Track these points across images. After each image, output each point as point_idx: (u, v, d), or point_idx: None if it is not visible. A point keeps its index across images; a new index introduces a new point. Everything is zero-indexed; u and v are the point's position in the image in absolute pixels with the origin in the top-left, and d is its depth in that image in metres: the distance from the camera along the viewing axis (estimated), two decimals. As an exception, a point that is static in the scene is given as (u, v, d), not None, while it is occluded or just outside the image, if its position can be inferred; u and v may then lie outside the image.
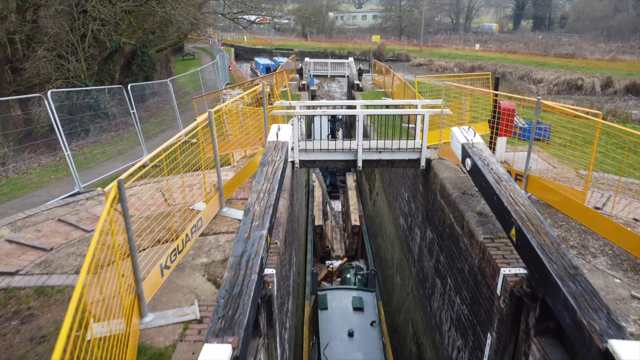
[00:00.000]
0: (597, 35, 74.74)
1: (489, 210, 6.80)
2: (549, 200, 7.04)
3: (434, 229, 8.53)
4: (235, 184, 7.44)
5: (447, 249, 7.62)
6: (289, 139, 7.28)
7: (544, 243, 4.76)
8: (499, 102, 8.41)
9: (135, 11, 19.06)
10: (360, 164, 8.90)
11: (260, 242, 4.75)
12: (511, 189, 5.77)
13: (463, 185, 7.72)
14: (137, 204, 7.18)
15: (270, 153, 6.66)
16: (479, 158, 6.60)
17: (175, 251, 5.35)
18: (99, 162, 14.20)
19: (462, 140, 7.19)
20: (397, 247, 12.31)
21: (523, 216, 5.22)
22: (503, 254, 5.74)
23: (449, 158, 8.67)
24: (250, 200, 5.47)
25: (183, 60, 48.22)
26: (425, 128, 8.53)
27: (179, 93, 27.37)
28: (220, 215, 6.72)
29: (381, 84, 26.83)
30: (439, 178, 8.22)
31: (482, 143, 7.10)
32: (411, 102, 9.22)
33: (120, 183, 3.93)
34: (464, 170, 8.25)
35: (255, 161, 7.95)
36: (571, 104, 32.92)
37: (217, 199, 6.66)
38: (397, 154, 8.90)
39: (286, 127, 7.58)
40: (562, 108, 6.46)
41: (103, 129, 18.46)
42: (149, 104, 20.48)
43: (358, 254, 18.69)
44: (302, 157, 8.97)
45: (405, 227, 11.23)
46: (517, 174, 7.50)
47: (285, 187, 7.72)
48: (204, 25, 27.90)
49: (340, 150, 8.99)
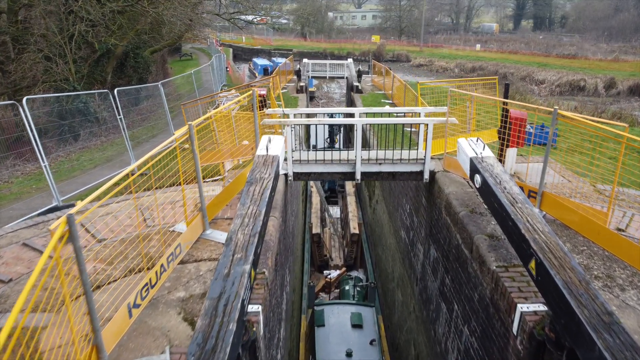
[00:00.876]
0: (598, 36, 74.11)
1: (500, 232, 6.16)
2: (566, 220, 6.39)
3: (438, 248, 7.88)
4: (221, 201, 6.79)
5: (454, 271, 6.97)
6: (280, 152, 6.63)
7: (570, 281, 4.11)
8: (509, 110, 7.75)
9: (126, 12, 18.40)
10: (358, 177, 8.25)
11: (242, 280, 4.10)
12: (528, 213, 5.12)
13: (471, 202, 7.07)
14: (113, 224, 6.54)
15: (259, 169, 6.00)
16: (489, 175, 5.95)
17: (148, 286, 4.70)
18: (85, 170, 13.54)
19: (471, 154, 6.55)
20: (398, 260, 11.66)
21: (544, 247, 4.57)
22: (519, 285, 5.09)
23: (455, 171, 8.02)
24: (233, 227, 4.82)
25: (180, 60, 47.53)
26: (428, 138, 7.88)
27: (174, 95, 26.70)
28: (203, 239, 6.06)
29: (381, 86, 26.19)
30: (444, 193, 7.57)
31: (492, 157, 6.45)
32: (413, 109, 8.57)
33: (70, 219, 3.28)
34: (471, 185, 7.61)
35: (246, 174, 7.30)
36: (575, 105, 32.29)
37: (199, 220, 6.01)
38: (398, 166, 8.25)
39: (277, 138, 6.92)
40: (583, 120, 5.81)
41: (93, 133, 17.80)
42: (141, 107, 19.85)
43: (357, 263, 18.05)
44: (296, 169, 8.32)
45: (406, 240, 10.58)
46: (530, 190, 6.85)
47: (276, 204, 7.07)
48: (200, 26, 27.23)
49: (337, 162, 8.34)
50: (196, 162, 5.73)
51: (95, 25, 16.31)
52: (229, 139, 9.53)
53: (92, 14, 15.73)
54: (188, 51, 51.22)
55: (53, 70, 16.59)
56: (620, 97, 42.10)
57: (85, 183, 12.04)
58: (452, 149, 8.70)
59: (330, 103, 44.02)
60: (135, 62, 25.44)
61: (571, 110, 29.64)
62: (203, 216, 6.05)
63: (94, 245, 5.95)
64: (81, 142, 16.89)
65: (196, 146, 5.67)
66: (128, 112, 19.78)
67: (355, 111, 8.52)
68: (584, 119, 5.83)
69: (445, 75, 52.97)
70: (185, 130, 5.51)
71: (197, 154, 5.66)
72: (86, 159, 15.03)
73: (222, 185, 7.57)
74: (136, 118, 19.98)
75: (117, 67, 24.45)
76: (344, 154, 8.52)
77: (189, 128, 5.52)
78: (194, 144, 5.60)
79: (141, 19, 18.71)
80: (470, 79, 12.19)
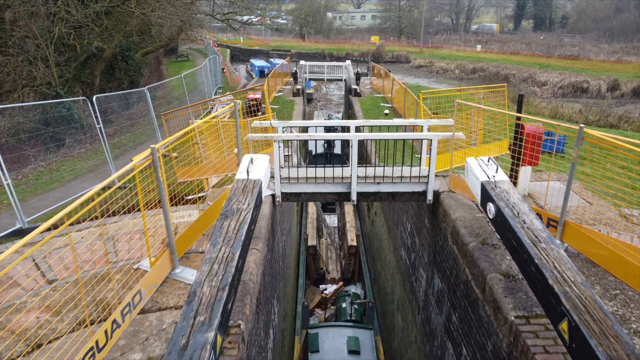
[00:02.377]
0: (599, 36, 73.32)
1: (517, 270, 5.31)
2: (592, 255, 5.54)
3: (443, 278, 7.03)
4: (196, 231, 5.93)
5: (462, 310, 6.12)
6: (264, 174, 5.78)
7: (616, 356, 3.26)
8: (522, 125, 6.91)
9: (112, 13, 17.53)
10: (354, 198, 7.39)
11: (203, 355, 3.26)
12: (555, 256, 4.27)
13: (482, 231, 6.22)
14: (69, 258, 5.68)
15: (237, 198, 5.15)
16: (505, 205, 5.09)
17: (94, 350, 3.84)
18: (65, 182, 12.67)
19: (482, 177, 5.69)
20: (397, 281, 10.81)
21: (578, 304, 3.72)
22: (544, 344, 4.24)
23: (462, 192, 7.17)
24: (199, 276, 3.97)
25: (177, 62, 46.69)
26: (432, 155, 7.03)
27: (167, 98, 25.84)
28: (171, 279, 5.21)
29: (380, 89, 25.38)
30: (451, 218, 6.72)
31: (507, 182, 5.60)
32: (416, 122, 7.71)
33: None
34: (480, 208, 6.76)
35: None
36: (579, 108, 31.45)
37: (167, 257, 5.15)
38: (398, 186, 7.39)
39: (261, 158, 6.07)
40: (614, 141, 4.96)
41: (78, 141, 16.92)
42: (132, 112, 19.00)
43: (355, 276, 17.18)
44: (285, 188, 7.46)
45: (407, 262, 9.72)
46: (549, 219, 5.99)
47: (260, 233, 6.22)
48: (192, 27, 26.36)
49: (331, 181, 7.48)
50: (161, 191, 4.87)
51: (79, 27, 15.43)
52: (216, 151, 8.67)
53: (75, 15, 14.85)
54: (185, 52, 50.37)
55: (34, 74, 15.72)
56: (625, 99, 41.28)
57: (62, 197, 11.19)
58: (457, 163, 7.87)
59: (328, 105, 43.18)
60: (125, 65, 24.58)
61: (576, 113, 28.82)
62: (171, 252, 5.19)
63: (42, 287, 5.10)
64: (65, 149, 16.04)
65: (161, 172, 4.82)
66: (118, 117, 18.97)
67: (351, 124, 7.66)
68: (615, 141, 4.98)
69: (445, 76, 52.11)
70: (147, 155, 4.67)
71: (161, 181, 4.81)
72: (67, 168, 14.16)
73: (199, 209, 6.71)
74: (125, 124, 19.15)
75: (106, 70, 23.58)
76: (338, 171, 7.66)
77: (152, 152, 4.67)
78: (158, 170, 4.74)
79: (128, 20, 17.83)
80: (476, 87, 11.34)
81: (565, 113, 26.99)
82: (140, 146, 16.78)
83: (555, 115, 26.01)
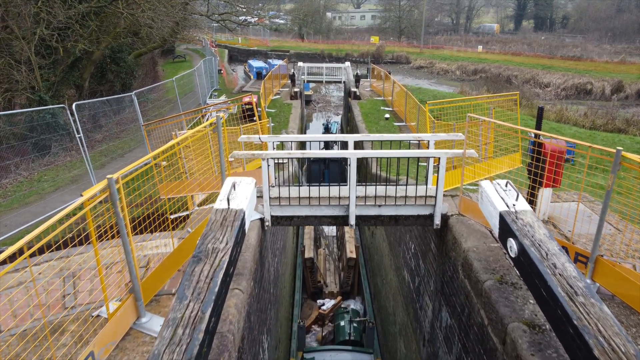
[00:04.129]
0: (601, 36, 72.58)
1: (543, 318, 4.54)
2: (629, 298, 4.75)
3: (453, 314, 6.25)
4: (170, 267, 5.14)
5: (476, 356, 5.33)
6: (248, 202, 4.98)
7: None
8: (542, 142, 6.12)
9: (100, 14, 16.72)
10: (353, 223, 6.61)
11: None
12: (598, 316, 3.49)
13: (499, 266, 5.43)
14: (20, 301, 4.89)
15: (213, 235, 4.36)
16: (530, 243, 4.31)
17: None
18: (44, 195, 11.88)
19: (500, 207, 4.90)
20: (400, 303, 10.03)
21: (635, 387, 2.94)
22: None
23: (474, 216, 6.38)
24: (158, 345, 3.18)
25: (174, 62, 45.93)
26: (440, 175, 6.24)
27: (162, 101, 25.02)
28: (135, 331, 4.42)
29: (380, 92, 24.60)
30: (462, 248, 5.93)
31: (529, 212, 4.81)
32: (422, 137, 6.93)
33: None
34: (495, 236, 5.98)
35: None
36: (584, 111, 30.61)
37: (130, 303, 4.36)
38: (402, 209, 6.60)
39: (245, 183, 5.28)
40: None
41: (65, 148, 16.09)
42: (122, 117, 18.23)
43: (354, 289, 16.39)
44: (275, 211, 6.67)
45: (411, 286, 8.94)
46: (577, 253, 5.21)
47: (244, 269, 5.43)
48: (187, 28, 25.56)
49: (327, 202, 6.69)
50: (122, 228, 4.08)
51: (63, 29, 14.62)
52: (204, 166, 7.84)
53: (60, 15, 14.04)
54: (182, 52, 49.63)
55: (15, 78, 14.92)
56: (629, 101, 40.51)
57: (38, 213, 10.41)
58: (466, 180, 7.09)
59: (327, 107, 42.39)
60: (117, 67, 23.78)
61: (581, 116, 27.99)
62: (136, 299, 4.40)
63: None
64: (50, 157, 15.22)
65: (122, 205, 4.03)
66: (108, 122, 18.16)
67: (349, 139, 6.87)
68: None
69: (446, 77, 51.34)
70: (102, 187, 3.87)
71: (119, 213, 4.02)
72: (49, 178, 13.37)
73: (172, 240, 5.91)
74: (115, 129, 18.36)
75: (97, 73, 22.79)
76: (335, 191, 6.86)
77: (109, 184, 3.87)
78: (117, 206, 3.96)
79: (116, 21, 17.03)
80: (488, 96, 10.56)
81: (571, 117, 26.20)
82: (129, 153, 15.98)
83: (561, 119, 25.22)
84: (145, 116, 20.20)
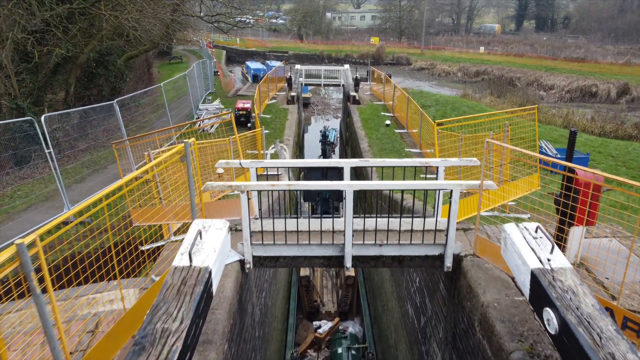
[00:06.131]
0: (603, 37, 71.58)
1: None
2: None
3: (468, 375, 5.26)
4: (122, 334, 4.15)
5: None
6: (215, 258, 3.97)
7: None
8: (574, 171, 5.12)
9: (84, 15, 15.72)
10: (349, 264, 5.62)
11: None
12: None
13: (526, 330, 4.43)
14: None
15: (165, 309, 3.35)
16: (577, 320, 3.32)
17: None
18: (13, 215, 10.88)
19: (532, 263, 3.90)
20: (403, 339, 9.03)
21: None
22: None
23: (492, 260, 5.38)
24: None
25: (170, 64, 44.92)
26: (453, 210, 5.24)
27: (154, 105, 24.02)
28: None
29: (380, 96, 23.60)
30: (479, 301, 4.94)
31: (570, 271, 3.82)
32: (429, 161, 5.94)
33: None
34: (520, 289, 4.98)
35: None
36: (591, 115, 29.59)
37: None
38: (407, 248, 5.60)
39: (215, 228, 4.28)
40: None
41: (45, 159, 15.06)
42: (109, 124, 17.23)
43: (353, 309, 15.40)
44: (257, 251, 5.67)
45: (415, 324, 7.94)
46: (626, 318, 4.22)
47: (214, 332, 4.43)
48: (180, 29, 24.56)
49: (318, 240, 5.68)
50: (41, 308, 3.09)
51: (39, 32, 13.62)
52: (183, 192, 6.75)
53: (36, 17, 13.04)
54: (178, 54, 48.62)
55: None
56: (635, 104, 39.48)
57: (5, 237, 9.42)
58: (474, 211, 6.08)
59: (326, 110, 41.37)
60: (105, 71, 22.74)
61: (589, 121, 26.95)
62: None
63: None
64: (28, 169, 14.21)
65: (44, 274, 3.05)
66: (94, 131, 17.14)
67: (345, 165, 5.87)
68: None
69: (447, 79, 50.32)
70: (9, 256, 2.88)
71: (37, 293, 3.03)
72: (23, 194, 12.38)
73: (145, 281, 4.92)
74: (101, 138, 17.35)
75: (84, 76, 21.78)
76: (328, 223, 5.83)
77: (18, 252, 2.88)
78: (32, 280, 2.97)
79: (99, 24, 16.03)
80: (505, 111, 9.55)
81: (579, 122, 25.20)
82: (113, 164, 14.98)
83: (569, 125, 24.21)
84: (135, 122, 19.18)
